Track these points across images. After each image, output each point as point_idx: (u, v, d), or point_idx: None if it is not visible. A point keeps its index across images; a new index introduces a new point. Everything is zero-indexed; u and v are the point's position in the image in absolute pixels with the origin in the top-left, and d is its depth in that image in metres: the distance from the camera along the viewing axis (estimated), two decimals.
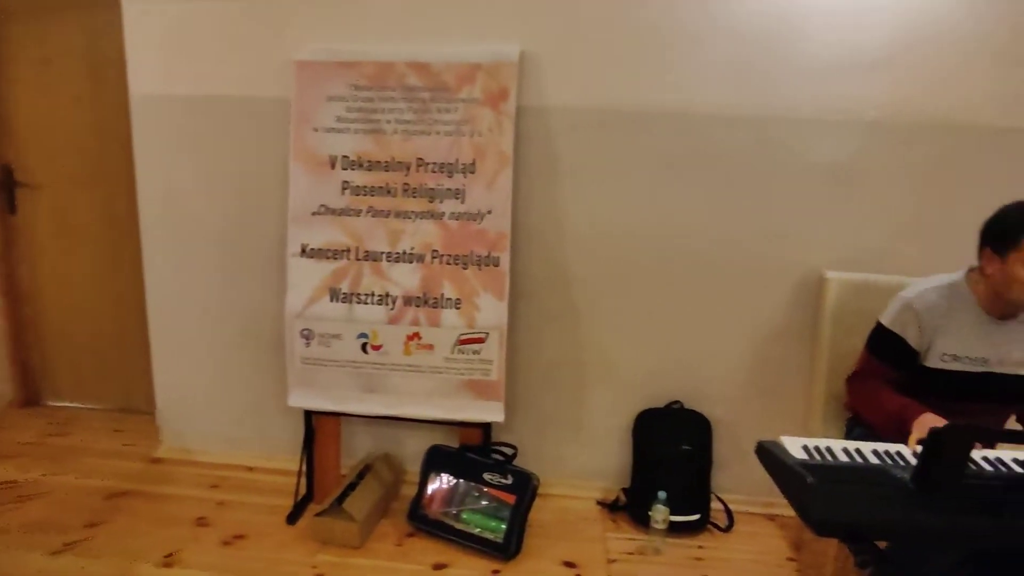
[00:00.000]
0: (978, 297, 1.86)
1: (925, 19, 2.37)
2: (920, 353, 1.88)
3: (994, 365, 1.85)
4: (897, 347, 1.90)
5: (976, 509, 1.38)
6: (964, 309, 1.86)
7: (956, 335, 1.85)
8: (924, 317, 1.86)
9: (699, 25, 2.44)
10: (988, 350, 1.85)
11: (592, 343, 2.73)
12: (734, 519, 2.67)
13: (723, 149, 2.53)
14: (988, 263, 1.80)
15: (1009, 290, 1.76)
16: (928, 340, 1.86)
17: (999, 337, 1.85)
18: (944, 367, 1.86)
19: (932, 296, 1.87)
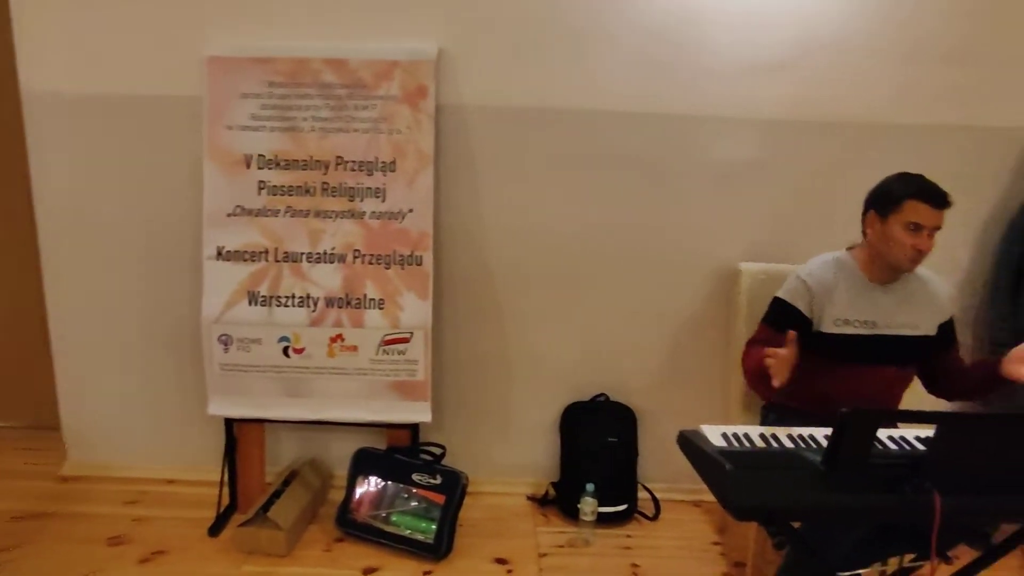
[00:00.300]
0: (861, 266, 2.04)
1: (821, 23, 2.48)
2: (813, 321, 2.02)
3: (882, 327, 2.01)
4: (792, 316, 2.03)
5: (882, 487, 1.45)
6: (849, 278, 2.03)
7: (845, 301, 2.01)
8: (815, 288, 2.02)
9: (613, 25, 2.48)
10: (875, 313, 2.01)
11: (517, 340, 2.74)
12: (660, 507, 2.74)
13: (639, 146, 2.58)
14: (870, 226, 1.99)
15: (888, 250, 1.94)
16: (819, 308, 2.01)
17: (884, 301, 2.02)
18: (838, 331, 2.00)
19: (821, 269, 2.06)
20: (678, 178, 2.61)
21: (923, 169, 2.27)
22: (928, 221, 1.89)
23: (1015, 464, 1.46)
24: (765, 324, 2.12)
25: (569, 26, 2.48)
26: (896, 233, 1.91)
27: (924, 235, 1.90)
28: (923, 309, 2.05)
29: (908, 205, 1.89)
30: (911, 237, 1.90)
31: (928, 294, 2.07)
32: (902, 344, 2.02)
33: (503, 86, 2.53)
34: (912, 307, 2.04)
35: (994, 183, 2.65)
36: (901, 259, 1.93)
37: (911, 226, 1.89)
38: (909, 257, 1.91)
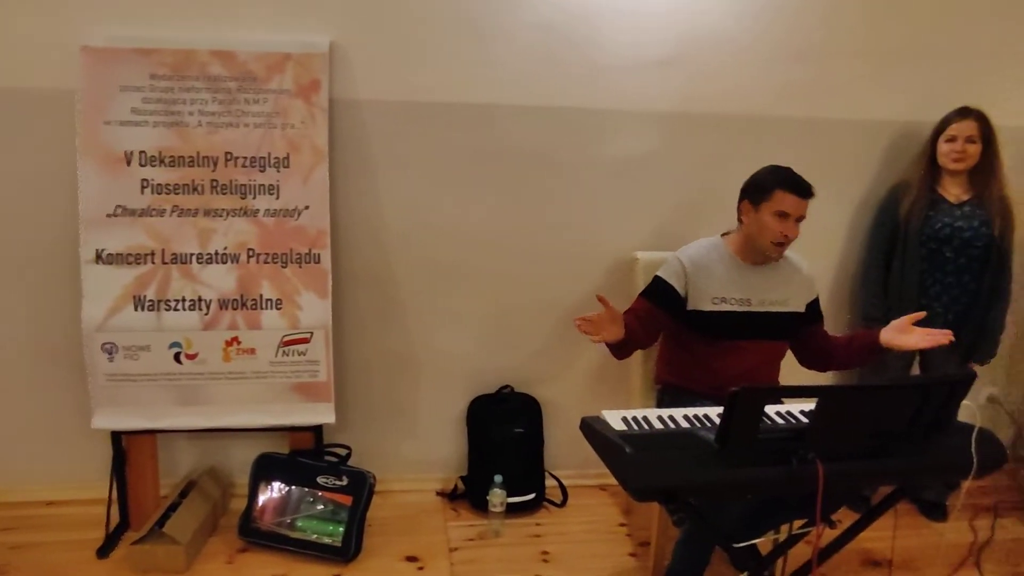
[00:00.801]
0: (734, 249, 2.22)
1: (704, 21, 2.59)
2: (686, 300, 2.18)
3: (756, 304, 2.18)
4: (667, 293, 2.19)
5: (770, 460, 1.54)
6: (724, 259, 2.21)
7: (721, 281, 2.18)
8: (690, 268, 2.19)
9: (508, 20, 2.50)
10: (749, 291, 2.18)
11: (421, 335, 2.73)
12: (568, 494, 2.80)
13: (536, 140, 2.61)
14: (744, 214, 2.17)
15: (760, 235, 2.12)
16: (695, 287, 2.17)
17: (756, 280, 2.20)
18: (715, 309, 2.17)
19: (697, 251, 2.23)
20: (575, 171, 2.66)
21: (800, 159, 2.42)
22: (794, 210, 2.07)
23: (888, 430, 1.58)
24: (642, 296, 2.26)
25: (465, 21, 2.48)
26: (766, 220, 2.09)
27: (790, 222, 2.08)
28: (791, 288, 2.24)
29: (777, 195, 2.07)
30: (779, 224, 2.08)
31: (795, 275, 2.26)
32: (775, 320, 2.19)
33: (399, 80, 2.50)
34: (782, 286, 2.22)
35: (864, 172, 2.85)
36: (768, 244, 2.11)
37: (779, 214, 2.07)
38: (776, 241, 2.09)
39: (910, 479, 1.75)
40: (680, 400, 2.14)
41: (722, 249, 2.23)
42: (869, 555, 2.50)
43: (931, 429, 1.60)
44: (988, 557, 2.55)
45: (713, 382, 2.15)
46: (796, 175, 2.10)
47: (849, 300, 2.94)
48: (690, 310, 2.18)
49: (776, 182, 2.09)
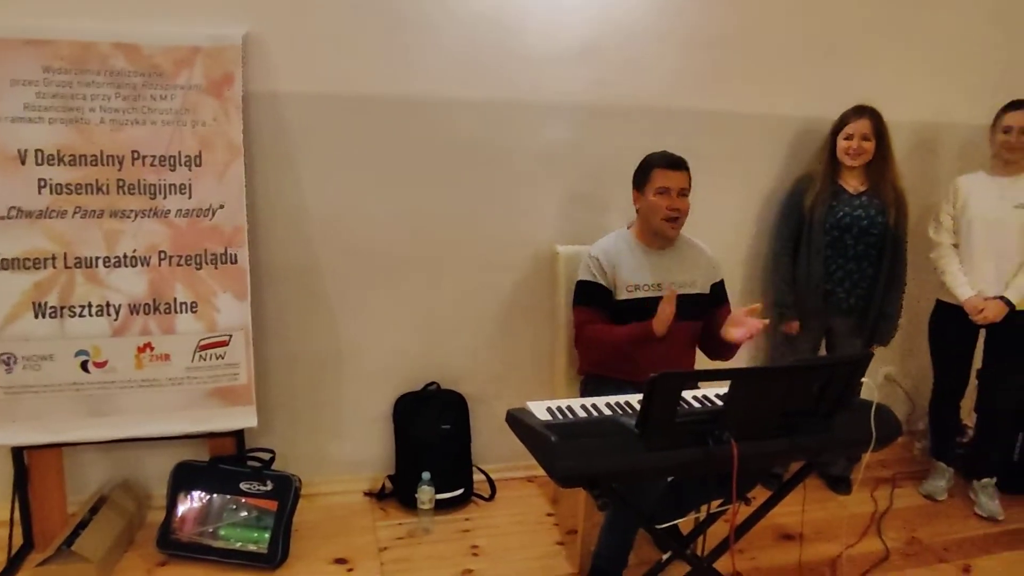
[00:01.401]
0: (638, 237, 2.35)
1: (620, 13, 2.66)
2: (612, 291, 2.28)
3: (666, 288, 2.24)
4: (597, 291, 2.29)
5: (689, 442, 1.60)
6: (631, 248, 2.33)
7: (630, 269, 2.29)
8: (604, 261, 2.29)
9: (431, 11, 2.50)
10: (659, 276, 2.31)
11: (345, 334, 2.69)
12: (496, 487, 2.82)
13: (460, 134, 2.62)
14: (636, 201, 2.33)
15: (652, 215, 2.26)
16: (612, 278, 2.28)
17: (663, 263, 2.33)
18: (630, 296, 2.28)
19: (605, 244, 2.35)
20: (498, 162, 2.68)
21: (711, 151, 2.52)
22: (673, 183, 2.23)
23: (796, 409, 1.67)
24: (581, 307, 2.31)
25: (386, 12, 2.46)
26: (652, 200, 2.25)
27: (673, 196, 2.23)
28: (698, 269, 2.36)
29: (655, 174, 2.24)
30: (663, 200, 2.23)
31: (700, 257, 2.39)
32: (685, 301, 2.25)
33: (320, 72, 2.45)
34: (687, 267, 2.35)
35: (771, 164, 2.99)
36: (660, 222, 2.25)
37: (661, 190, 2.23)
38: (665, 217, 2.23)
39: (818, 454, 1.84)
40: (601, 389, 2.19)
41: (628, 238, 2.35)
42: (782, 529, 2.63)
43: (835, 407, 1.70)
44: (888, 524, 2.73)
45: (632, 368, 2.21)
46: (668, 153, 2.28)
47: (761, 288, 3.07)
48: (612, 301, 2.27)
49: (652, 163, 2.27)
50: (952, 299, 2.78)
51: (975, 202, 2.72)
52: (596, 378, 2.32)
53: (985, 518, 2.79)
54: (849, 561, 2.47)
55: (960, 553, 2.56)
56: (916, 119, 3.08)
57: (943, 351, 2.90)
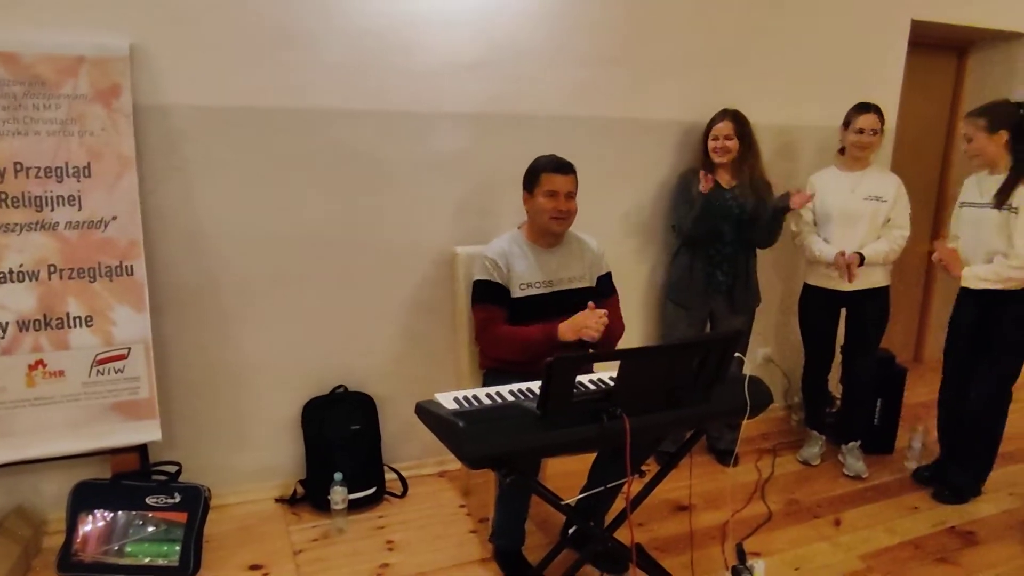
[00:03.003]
0: (528, 237, 2.48)
1: (510, 29, 2.79)
2: (508, 289, 2.39)
3: (556, 284, 2.45)
4: (495, 289, 2.39)
5: (585, 420, 1.74)
6: (522, 248, 2.46)
7: (523, 268, 2.42)
8: (498, 260, 2.40)
9: (324, 24, 2.54)
10: (549, 273, 2.45)
11: (250, 342, 2.69)
12: (408, 484, 2.89)
13: (354, 144, 2.68)
14: (526, 202, 2.45)
15: (540, 216, 2.39)
16: (507, 276, 2.40)
17: (552, 262, 2.46)
18: (524, 294, 2.41)
19: (499, 245, 2.46)
20: (395, 171, 2.75)
21: (600, 155, 2.68)
22: (560, 186, 2.36)
23: (679, 383, 1.84)
24: (482, 305, 2.41)
25: (273, 26, 2.49)
26: (540, 202, 2.38)
27: (560, 198, 2.37)
28: (584, 264, 2.51)
29: (543, 178, 2.38)
30: (551, 202, 2.37)
31: (586, 252, 2.54)
32: (573, 296, 2.44)
33: (214, 85, 2.45)
34: (574, 263, 2.50)
35: (659, 163, 3.20)
36: (548, 222, 2.38)
37: (549, 193, 2.36)
38: (553, 218, 2.37)
39: (700, 424, 2.03)
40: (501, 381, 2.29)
41: (520, 239, 2.48)
42: (676, 502, 2.83)
43: (712, 380, 1.88)
44: (770, 489, 2.99)
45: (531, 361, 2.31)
46: (556, 157, 2.41)
47: (648, 277, 3.29)
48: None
49: (540, 167, 2.40)
50: (816, 281, 3.08)
51: (830, 196, 3.02)
52: (495, 372, 2.44)
53: (852, 477, 3.11)
54: (737, 525, 2.69)
55: (831, 509, 2.85)
56: (778, 122, 3.38)
57: (810, 330, 3.20)
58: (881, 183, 2.99)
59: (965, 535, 2.70)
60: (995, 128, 2.64)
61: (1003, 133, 2.64)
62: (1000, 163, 2.68)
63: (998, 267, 2.63)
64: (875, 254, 2.95)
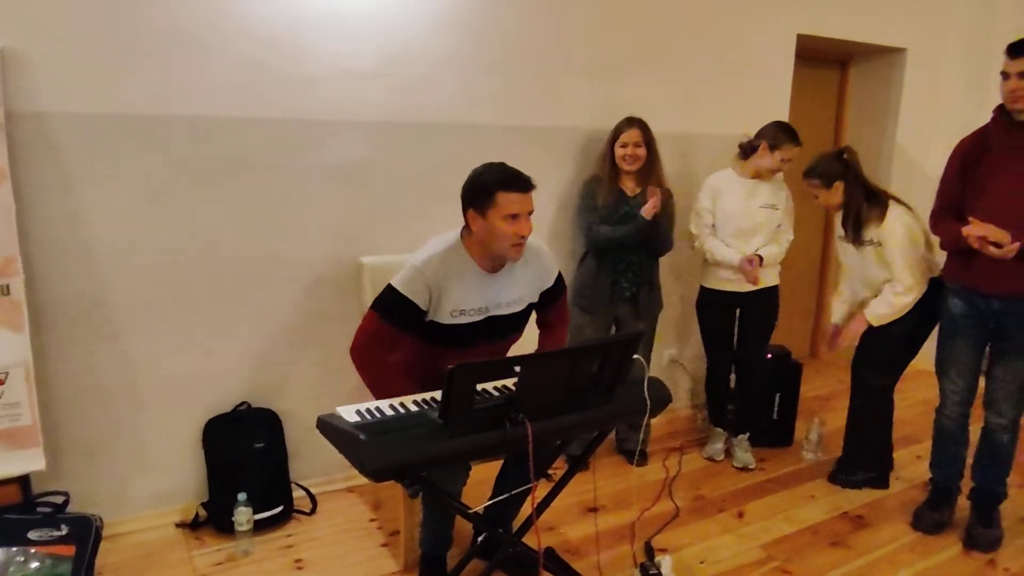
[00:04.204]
0: (474, 257, 2.12)
1: (407, 36, 2.79)
2: (427, 312, 2.10)
3: (493, 310, 2.18)
4: (407, 309, 2.07)
5: (488, 427, 1.75)
6: (464, 270, 2.11)
7: (460, 293, 2.10)
8: (432, 282, 2.06)
9: (215, 30, 2.46)
10: (487, 300, 2.16)
11: (142, 364, 2.56)
12: (316, 501, 2.83)
13: (250, 153, 2.60)
14: (473, 222, 2.07)
15: (495, 243, 2.05)
16: (436, 302, 2.09)
17: (493, 287, 2.16)
18: (454, 322, 2.12)
19: (437, 262, 2.08)
20: (293, 180, 2.69)
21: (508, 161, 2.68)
22: (521, 208, 2.02)
23: (581, 386, 1.87)
24: (381, 319, 2.09)
25: (166, 30, 2.39)
26: (497, 226, 2.01)
27: (522, 221, 2.03)
28: (525, 285, 2.24)
29: (501, 198, 1.99)
30: (511, 225, 2.01)
31: (530, 270, 2.24)
32: (504, 322, 2.22)
33: (95, 91, 2.33)
34: (517, 286, 2.22)
35: (564, 169, 3.26)
36: (506, 248, 2.05)
37: (510, 218, 2.00)
38: (514, 244, 2.04)
39: (603, 425, 2.08)
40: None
41: (463, 258, 2.12)
42: (587, 504, 2.88)
43: (613, 382, 1.93)
44: (678, 486, 3.09)
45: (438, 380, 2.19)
46: (513, 171, 2.04)
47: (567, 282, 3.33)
48: (427, 320, 2.12)
49: (496, 184, 2.01)
50: (715, 284, 3.19)
51: (730, 203, 3.12)
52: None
53: (740, 468, 3.26)
54: (647, 523, 2.76)
55: (735, 502, 2.97)
56: (675, 130, 3.51)
57: (711, 331, 3.32)
58: (775, 192, 3.14)
59: (856, 519, 2.87)
60: (830, 183, 2.90)
61: (838, 184, 2.89)
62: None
63: (891, 299, 2.83)
64: (770, 256, 3.10)
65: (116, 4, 2.32)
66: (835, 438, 3.30)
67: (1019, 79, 2.34)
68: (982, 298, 2.54)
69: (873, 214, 2.84)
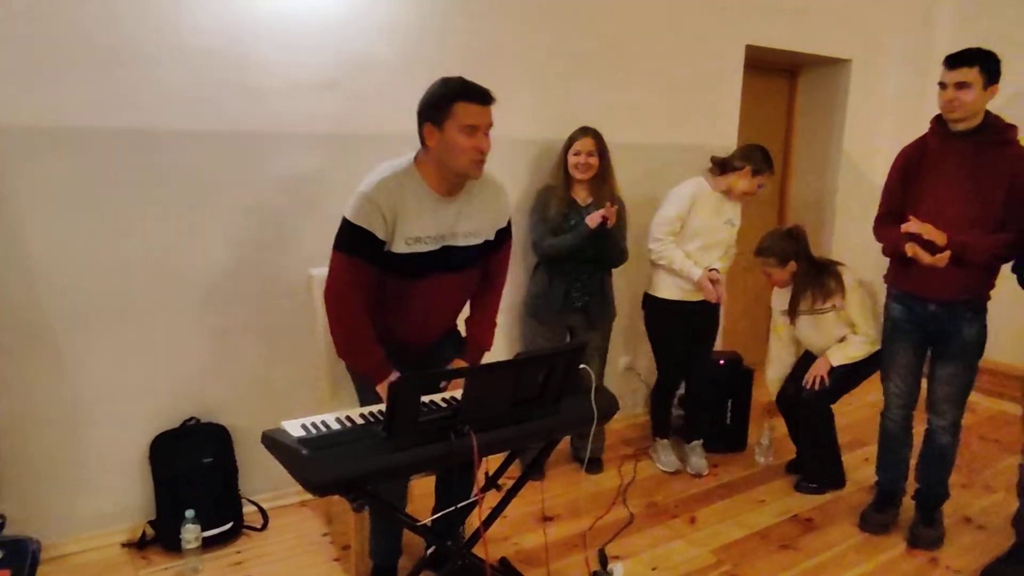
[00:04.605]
0: (427, 179, 2.01)
1: (358, 46, 2.78)
2: (387, 242, 1.99)
3: (449, 239, 2.06)
4: (368, 241, 1.96)
5: (433, 439, 1.75)
6: (418, 193, 1.99)
7: (414, 219, 1.98)
8: (385, 206, 1.94)
9: (149, 45, 2.42)
10: (443, 228, 2.04)
11: (85, 381, 2.49)
12: (268, 516, 2.79)
13: (198, 166, 2.56)
14: (430, 137, 1.97)
15: (452, 158, 1.95)
16: (391, 228, 1.96)
17: (451, 215, 2.06)
18: (409, 250, 2.00)
19: (389, 184, 1.97)
20: (242, 193, 2.66)
21: None
22: (480, 120, 1.93)
23: (527, 397, 1.88)
24: (345, 255, 1.99)
25: (100, 43, 2.34)
26: (455, 139, 1.92)
27: (480, 135, 1.94)
28: (484, 216, 2.15)
29: (459, 108, 1.92)
30: (470, 139, 1.92)
31: (489, 200, 2.16)
32: (468, 252, 2.12)
33: (36, 104, 2.27)
34: (475, 217, 2.12)
35: (516, 182, 3.27)
36: (466, 164, 1.95)
37: (467, 128, 1.92)
38: (473, 159, 1.95)
39: (550, 435, 2.08)
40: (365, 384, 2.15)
41: (416, 181, 2.01)
42: (541, 513, 2.89)
43: (559, 392, 1.94)
44: (632, 493, 3.11)
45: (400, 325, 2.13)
46: (471, 83, 1.95)
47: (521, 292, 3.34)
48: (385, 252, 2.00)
49: (454, 94, 1.93)
50: (663, 293, 3.20)
51: (700, 213, 3.11)
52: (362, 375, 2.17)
53: (693, 475, 3.30)
54: (601, 530, 2.78)
55: (687, 508, 3.00)
56: (628, 140, 3.55)
57: (666, 343, 3.29)
58: (735, 208, 3.20)
59: (806, 522, 2.92)
60: (784, 262, 3.04)
61: (791, 263, 3.05)
62: None
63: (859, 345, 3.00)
64: (724, 269, 3.16)
65: (52, 14, 2.27)
66: (786, 442, 3.36)
67: (956, 89, 2.42)
68: (920, 303, 2.61)
69: (832, 283, 3.02)
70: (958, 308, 2.54)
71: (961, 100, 2.42)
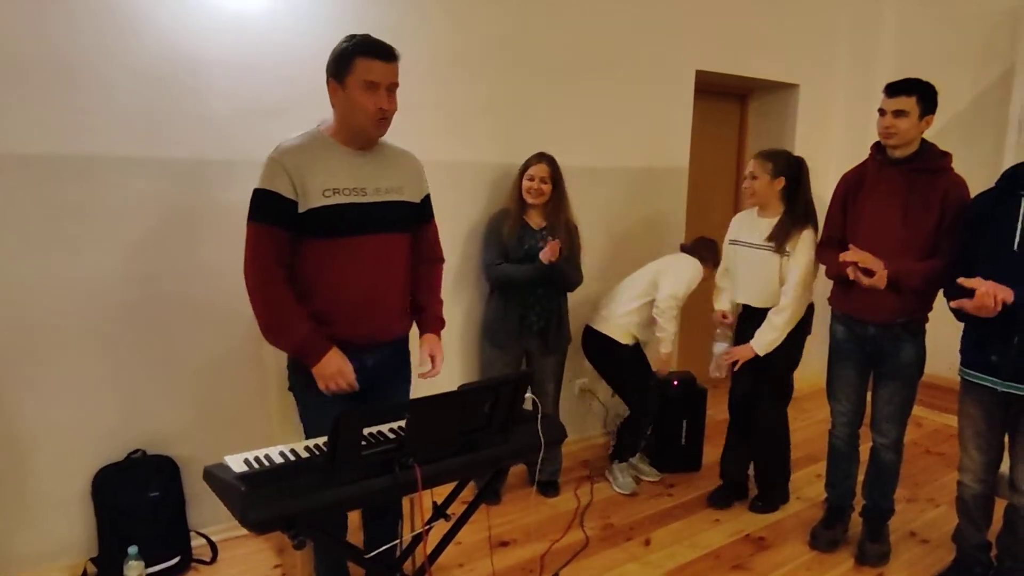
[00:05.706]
0: (337, 137, 2.01)
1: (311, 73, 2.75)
2: (298, 202, 1.94)
3: (371, 194, 2.02)
4: (275, 203, 1.92)
5: (377, 472, 1.74)
6: (325, 148, 1.99)
7: (326, 171, 1.96)
8: (289, 163, 1.92)
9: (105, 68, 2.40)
10: (361, 180, 2.01)
11: (30, 410, 2.44)
12: (218, 549, 2.73)
13: (146, 194, 2.54)
14: (334, 95, 1.97)
15: (355, 115, 1.94)
16: (302, 184, 1.93)
17: (366, 166, 2.03)
18: (327, 202, 1.95)
19: (294, 148, 1.97)
20: (194, 221, 2.63)
21: None
22: (382, 77, 1.91)
23: (472, 427, 1.88)
24: (257, 223, 1.95)
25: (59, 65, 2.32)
26: (356, 96, 1.91)
27: (382, 92, 1.91)
28: (406, 175, 2.13)
29: (359, 64, 1.89)
30: (371, 97, 1.90)
31: (407, 163, 2.17)
32: (392, 209, 2.07)
33: None
34: (394, 172, 2.10)
35: (476, 202, 3.29)
36: (366, 123, 1.94)
37: (368, 85, 1.90)
38: (373, 118, 1.93)
39: (497, 464, 2.08)
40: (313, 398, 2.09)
41: (322, 138, 2.01)
42: (498, 538, 2.88)
43: (506, 421, 1.94)
44: (589, 516, 3.12)
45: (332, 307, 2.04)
46: (375, 39, 1.93)
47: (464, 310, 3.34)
48: (302, 212, 1.94)
49: (355, 51, 1.90)
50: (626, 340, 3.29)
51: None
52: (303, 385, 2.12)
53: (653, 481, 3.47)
54: (557, 554, 2.78)
55: (643, 530, 3.02)
56: (582, 164, 3.60)
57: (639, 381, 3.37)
58: None
59: (758, 540, 2.96)
60: (777, 174, 2.93)
61: (781, 180, 2.93)
62: (771, 207, 3.00)
63: (776, 324, 2.92)
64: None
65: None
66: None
67: (893, 116, 2.51)
68: (860, 325, 2.68)
69: (802, 230, 2.89)
70: (896, 330, 2.61)
71: (898, 127, 2.50)
